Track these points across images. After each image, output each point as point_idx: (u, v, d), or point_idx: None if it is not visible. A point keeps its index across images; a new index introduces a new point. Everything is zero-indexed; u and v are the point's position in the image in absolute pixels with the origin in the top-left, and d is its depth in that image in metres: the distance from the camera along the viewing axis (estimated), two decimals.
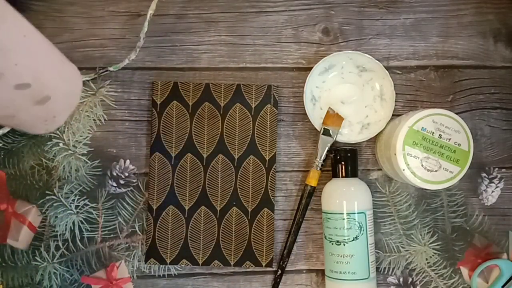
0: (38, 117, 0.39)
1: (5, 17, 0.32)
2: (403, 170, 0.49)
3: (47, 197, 0.57)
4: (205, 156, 0.57)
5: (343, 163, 0.55)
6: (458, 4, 0.59)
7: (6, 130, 0.50)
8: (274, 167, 0.56)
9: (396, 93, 0.56)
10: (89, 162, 0.58)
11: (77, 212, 0.57)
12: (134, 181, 0.58)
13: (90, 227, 0.57)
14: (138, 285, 0.57)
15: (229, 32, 0.59)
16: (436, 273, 0.57)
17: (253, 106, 0.57)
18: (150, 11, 0.55)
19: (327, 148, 0.56)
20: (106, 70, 0.57)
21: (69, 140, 0.58)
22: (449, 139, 0.49)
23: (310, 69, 0.56)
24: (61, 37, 0.58)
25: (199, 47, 0.59)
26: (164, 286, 0.57)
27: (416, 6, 0.59)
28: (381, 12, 0.59)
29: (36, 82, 0.36)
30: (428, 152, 0.49)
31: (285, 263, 0.56)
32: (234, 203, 0.56)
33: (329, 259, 0.54)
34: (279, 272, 0.56)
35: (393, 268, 0.57)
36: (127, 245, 0.57)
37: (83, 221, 0.57)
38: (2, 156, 0.57)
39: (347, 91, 0.58)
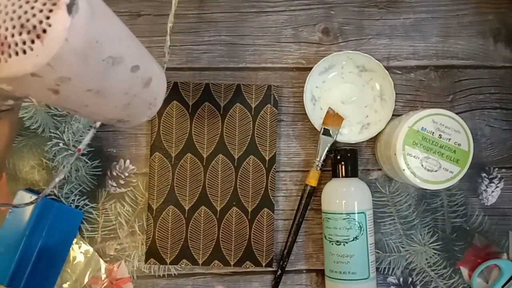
0: (145, 101, 0.40)
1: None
2: (403, 170, 0.49)
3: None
4: (205, 156, 0.57)
5: (343, 163, 0.55)
6: (458, 4, 0.59)
7: (98, 124, 0.50)
8: (274, 167, 0.56)
9: (396, 93, 0.56)
10: (89, 162, 0.58)
11: None
12: (134, 181, 0.58)
13: (90, 227, 0.57)
14: (138, 285, 0.57)
15: (229, 32, 0.59)
16: (436, 273, 0.57)
17: (253, 106, 0.57)
18: (170, 24, 0.53)
19: (327, 148, 0.56)
20: None
21: (69, 140, 0.58)
22: (449, 139, 0.49)
23: (310, 69, 0.56)
24: None
25: (199, 47, 0.59)
26: (164, 286, 0.57)
27: (416, 6, 0.59)
28: (381, 12, 0.59)
29: (142, 63, 0.37)
30: (428, 152, 0.49)
31: (285, 263, 0.56)
32: (234, 203, 0.56)
33: (329, 259, 0.54)
34: (279, 272, 0.56)
35: (393, 268, 0.57)
36: (127, 245, 0.57)
37: (83, 221, 0.57)
38: None
39: (347, 91, 0.58)
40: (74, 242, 0.57)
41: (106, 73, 0.32)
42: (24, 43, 0.26)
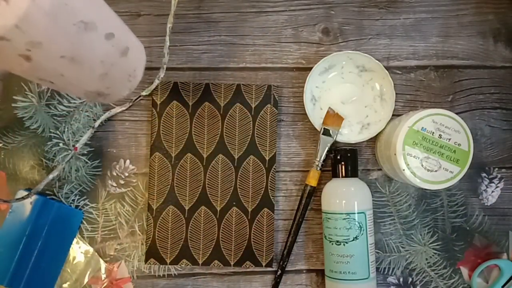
0: (124, 72, 0.39)
1: None
2: (403, 170, 0.49)
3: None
4: (205, 156, 0.57)
5: (343, 163, 0.55)
6: (458, 4, 0.59)
7: (96, 124, 0.50)
8: (274, 167, 0.56)
9: (396, 93, 0.56)
10: (89, 162, 0.58)
11: None
12: (134, 181, 0.58)
13: (90, 227, 0.57)
14: (138, 285, 0.57)
15: (229, 32, 0.59)
16: (436, 273, 0.57)
17: (253, 106, 0.57)
18: (169, 25, 0.54)
19: (327, 148, 0.56)
20: (140, 96, 0.57)
21: (69, 140, 0.58)
22: (449, 139, 0.49)
23: (310, 69, 0.56)
24: None
25: (199, 47, 0.59)
26: (164, 286, 0.57)
27: (416, 6, 0.59)
28: (381, 12, 0.59)
29: (117, 31, 0.36)
30: (428, 152, 0.49)
31: (285, 263, 0.56)
32: (234, 203, 0.56)
33: (329, 259, 0.54)
34: (279, 272, 0.56)
35: (393, 268, 0.57)
36: (127, 245, 0.57)
37: (83, 221, 0.57)
38: (2, 156, 0.57)
39: (347, 91, 0.58)
40: (74, 242, 0.57)
41: (79, 38, 0.31)
42: None
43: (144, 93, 0.57)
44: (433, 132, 0.49)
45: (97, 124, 0.54)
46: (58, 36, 0.29)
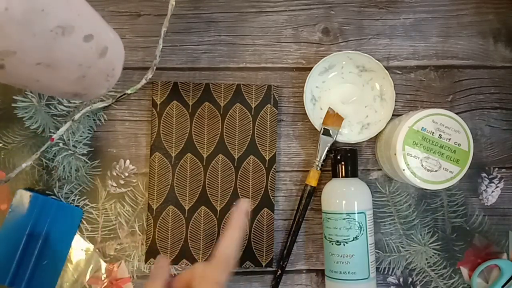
0: (102, 72, 0.38)
1: None
2: (403, 170, 0.49)
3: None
4: (205, 156, 0.57)
5: (343, 163, 0.55)
6: (458, 4, 0.59)
7: (76, 116, 0.50)
8: (274, 167, 0.56)
9: (396, 93, 0.56)
10: (89, 162, 0.58)
11: None
12: (134, 181, 0.58)
13: (90, 227, 0.57)
14: (138, 285, 0.57)
15: (229, 32, 0.59)
16: (436, 273, 0.57)
17: (253, 106, 0.57)
18: (164, 28, 0.54)
19: (327, 148, 0.56)
20: (124, 94, 0.57)
21: (69, 140, 0.58)
22: (449, 139, 0.49)
23: (310, 69, 0.56)
24: None
25: (199, 47, 0.59)
26: None
27: (416, 6, 0.59)
28: (381, 12, 0.59)
29: (95, 32, 0.34)
30: (428, 152, 0.49)
31: (285, 263, 0.56)
32: (234, 203, 0.56)
33: (329, 259, 0.54)
34: (279, 272, 0.56)
35: (393, 268, 0.57)
36: (127, 245, 0.57)
37: (83, 221, 0.57)
38: (2, 156, 0.57)
39: (347, 91, 0.58)
40: (74, 240, 0.57)
41: (56, 44, 0.30)
42: None
43: (129, 92, 0.57)
44: (433, 132, 0.49)
45: (77, 117, 0.55)
46: (33, 44, 0.28)
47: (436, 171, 0.49)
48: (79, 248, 0.57)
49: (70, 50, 0.32)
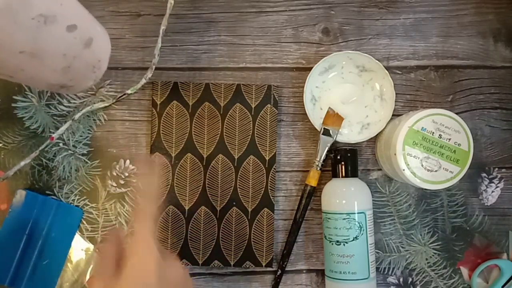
0: (88, 64, 0.38)
1: None
2: (403, 170, 0.49)
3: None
4: (205, 156, 0.57)
5: (343, 163, 0.55)
6: (458, 4, 0.59)
7: (77, 116, 0.50)
8: (274, 167, 0.56)
9: (396, 93, 0.56)
10: (89, 162, 0.58)
11: None
12: (134, 181, 0.58)
13: (90, 227, 0.57)
14: None
15: (229, 32, 0.59)
16: (436, 273, 0.57)
17: (253, 106, 0.57)
18: (163, 27, 0.54)
19: (327, 148, 0.56)
20: (124, 94, 0.57)
21: (69, 140, 0.58)
22: (449, 139, 0.49)
23: (310, 69, 0.56)
24: None
25: (199, 47, 0.59)
26: None
27: (416, 6, 0.59)
28: (381, 12, 0.59)
29: (80, 22, 0.35)
30: (428, 152, 0.49)
31: (285, 263, 0.56)
32: (234, 203, 0.56)
33: (329, 259, 0.54)
34: (279, 272, 0.56)
35: (393, 268, 0.57)
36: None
37: (83, 221, 0.57)
38: (2, 156, 0.57)
39: (347, 91, 0.58)
40: (74, 240, 0.57)
41: (39, 33, 0.30)
42: None
43: (129, 92, 0.57)
44: (433, 132, 0.49)
45: (77, 116, 0.55)
46: (15, 32, 0.28)
47: (436, 171, 0.49)
48: (79, 248, 0.57)
49: (54, 39, 0.32)
